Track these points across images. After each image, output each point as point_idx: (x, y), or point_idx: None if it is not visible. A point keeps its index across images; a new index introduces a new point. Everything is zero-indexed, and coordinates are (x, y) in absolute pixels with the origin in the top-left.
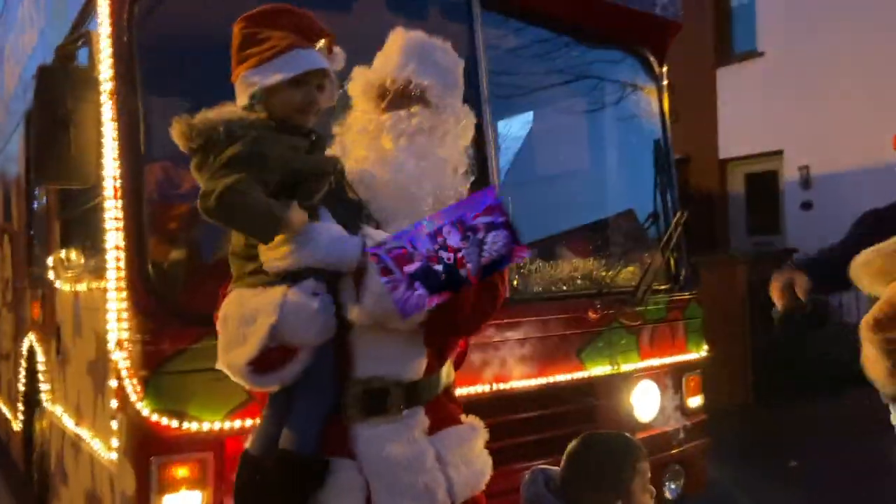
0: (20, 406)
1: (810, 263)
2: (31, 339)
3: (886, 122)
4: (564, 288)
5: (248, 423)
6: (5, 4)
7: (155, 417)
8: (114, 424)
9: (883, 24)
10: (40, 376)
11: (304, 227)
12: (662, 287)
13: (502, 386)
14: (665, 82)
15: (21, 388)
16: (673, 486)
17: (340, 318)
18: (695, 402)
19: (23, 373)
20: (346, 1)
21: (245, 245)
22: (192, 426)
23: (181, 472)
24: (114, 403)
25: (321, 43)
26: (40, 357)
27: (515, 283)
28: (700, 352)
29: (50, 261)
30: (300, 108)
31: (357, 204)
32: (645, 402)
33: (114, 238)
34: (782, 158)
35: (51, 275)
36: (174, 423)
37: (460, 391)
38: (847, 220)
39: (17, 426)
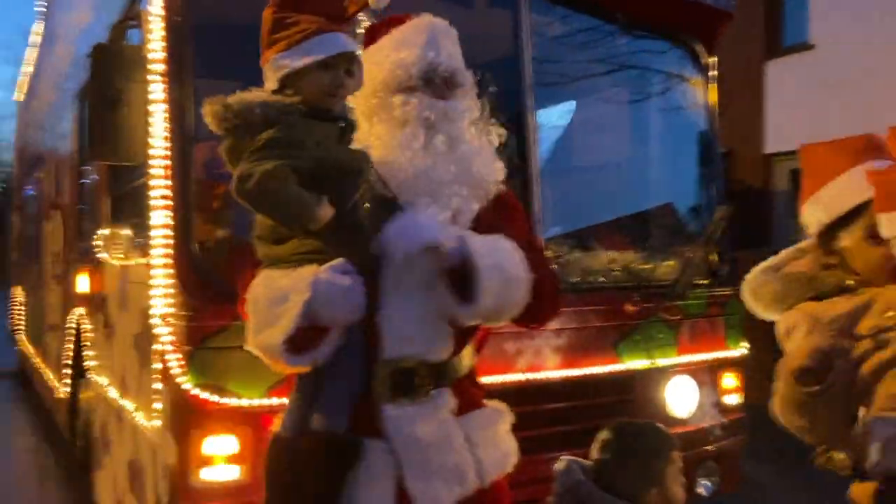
0: (66, 375)
1: None
2: (78, 312)
3: None
4: (602, 279)
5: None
6: None
7: (197, 392)
8: (157, 398)
9: None
10: (87, 348)
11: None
12: (703, 282)
13: (536, 375)
14: (713, 73)
15: (68, 358)
16: (708, 483)
17: (369, 298)
18: (732, 399)
19: (70, 344)
20: None
21: (271, 228)
22: (232, 401)
23: (221, 445)
24: (157, 377)
25: (357, 25)
26: (87, 329)
27: None
28: (739, 348)
29: (98, 236)
30: (329, 91)
31: (390, 201)
32: (681, 398)
33: (160, 216)
34: None
35: (99, 250)
36: (215, 398)
37: (493, 378)
38: None
39: (62, 394)
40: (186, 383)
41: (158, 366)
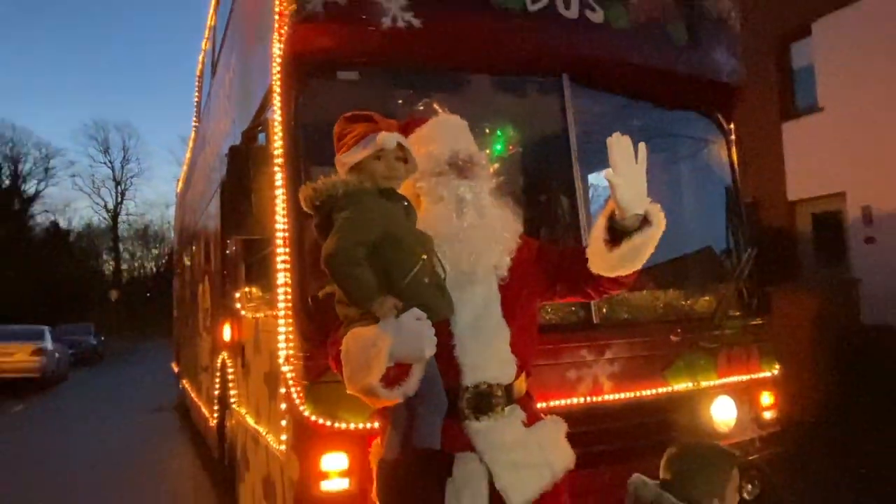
0: (215, 407)
1: None
2: (223, 356)
3: None
4: (649, 315)
5: None
6: (207, 102)
7: (314, 418)
8: (283, 423)
9: None
10: (230, 384)
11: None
12: (736, 313)
13: (595, 398)
14: (733, 137)
15: (216, 393)
16: (750, 488)
17: (440, 337)
18: (768, 414)
19: (217, 382)
20: (458, 84)
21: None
22: (342, 426)
23: (334, 462)
24: (283, 407)
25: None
26: (230, 369)
27: (604, 310)
28: (773, 370)
29: (237, 295)
30: (384, 175)
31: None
32: (722, 415)
33: (282, 277)
34: (846, 199)
35: (238, 306)
36: (329, 423)
37: (559, 402)
38: None
39: (213, 423)
40: (306, 411)
41: (283, 397)
